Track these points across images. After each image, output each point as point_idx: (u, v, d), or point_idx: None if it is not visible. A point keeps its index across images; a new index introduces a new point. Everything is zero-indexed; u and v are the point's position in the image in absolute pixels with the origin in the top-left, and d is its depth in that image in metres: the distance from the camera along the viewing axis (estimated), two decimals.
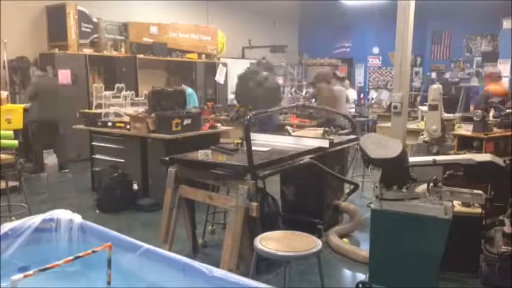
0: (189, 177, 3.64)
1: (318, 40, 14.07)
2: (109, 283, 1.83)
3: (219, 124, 6.14)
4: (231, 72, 10.83)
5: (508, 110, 4.65)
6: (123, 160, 5.53)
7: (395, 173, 2.94)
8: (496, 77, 6.46)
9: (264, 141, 4.26)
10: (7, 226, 2.35)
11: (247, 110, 5.85)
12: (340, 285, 3.56)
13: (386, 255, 3.00)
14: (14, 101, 6.88)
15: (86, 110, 6.89)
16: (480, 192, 2.96)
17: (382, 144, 2.94)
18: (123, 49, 8.65)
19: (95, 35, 8.21)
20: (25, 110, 5.54)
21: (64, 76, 7.47)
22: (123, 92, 7.80)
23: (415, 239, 2.88)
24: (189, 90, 7.69)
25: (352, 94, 9.85)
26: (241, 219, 3.13)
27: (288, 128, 5.62)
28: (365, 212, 4.64)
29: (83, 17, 7.90)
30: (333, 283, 3.45)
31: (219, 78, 10.43)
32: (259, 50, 12.38)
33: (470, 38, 12.88)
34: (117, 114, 5.99)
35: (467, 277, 3.32)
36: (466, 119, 4.67)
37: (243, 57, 12.38)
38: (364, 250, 3.82)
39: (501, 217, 3.09)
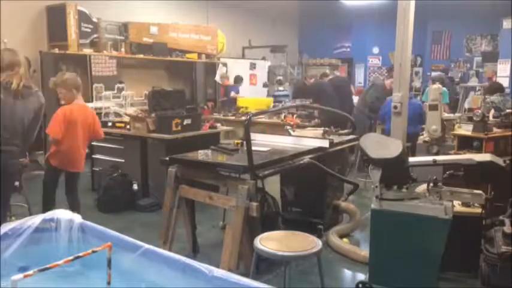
0: (189, 177, 3.64)
1: (318, 40, 14.08)
2: (109, 283, 1.83)
3: (219, 124, 6.14)
4: (231, 72, 10.83)
5: (508, 110, 4.66)
6: (123, 160, 5.53)
7: (395, 173, 2.94)
8: None
9: (264, 141, 4.26)
10: (7, 226, 2.34)
11: None
12: (340, 285, 3.56)
13: (387, 255, 3.00)
14: None
15: None
16: (480, 192, 2.97)
17: (382, 144, 2.95)
18: (123, 49, 8.65)
19: (95, 35, 8.21)
20: None
21: None
22: (123, 92, 7.82)
23: (415, 239, 2.88)
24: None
25: None
26: (241, 219, 3.13)
27: (288, 128, 5.62)
28: (365, 211, 4.65)
29: (83, 17, 7.89)
30: (333, 283, 3.45)
31: (219, 78, 10.44)
32: (259, 50, 12.38)
33: (470, 38, 12.88)
34: (117, 115, 6.00)
35: (467, 277, 3.32)
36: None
37: (243, 57, 12.38)
38: (364, 250, 3.82)
39: (501, 217, 3.09)
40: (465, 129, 4.50)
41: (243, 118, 5.72)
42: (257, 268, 2.90)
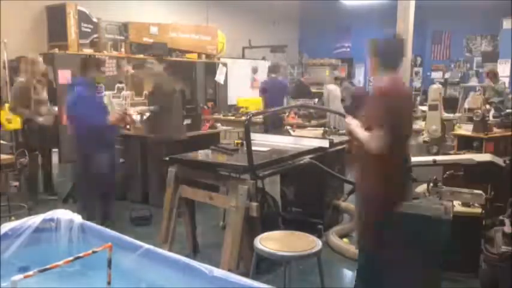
0: (189, 177, 3.64)
1: (318, 40, 14.07)
2: (109, 283, 1.83)
3: (219, 124, 6.14)
4: (231, 72, 10.82)
5: (508, 110, 4.66)
6: (123, 160, 5.53)
7: None
8: None
9: (264, 141, 4.26)
10: (7, 226, 2.34)
11: None
12: (340, 285, 3.56)
13: None
14: None
15: None
16: (480, 192, 2.97)
17: None
18: (123, 49, 8.65)
19: (95, 35, 8.21)
20: None
21: (64, 76, 7.47)
22: (123, 92, 7.82)
23: (415, 239, 2.87)
24: None
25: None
26: (241, 219, 3.13)
27: (288, 128, 5.62)
28: None
29: (83, 17, 7.89)
30: (333, 283, 3.45)
31: (219, 78, 10.43)
32: (259, 50, 12.37)
33: (470, 38, 12.87)
34: None
35: (467, 277, 3.32)
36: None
37: (243, 57, 12.37)
38: None
39: (501, 217, 3.09)
40: (465, 129, 4.50)
41: (243, 118, 5.72)
42: (257, 268, 2.89)
